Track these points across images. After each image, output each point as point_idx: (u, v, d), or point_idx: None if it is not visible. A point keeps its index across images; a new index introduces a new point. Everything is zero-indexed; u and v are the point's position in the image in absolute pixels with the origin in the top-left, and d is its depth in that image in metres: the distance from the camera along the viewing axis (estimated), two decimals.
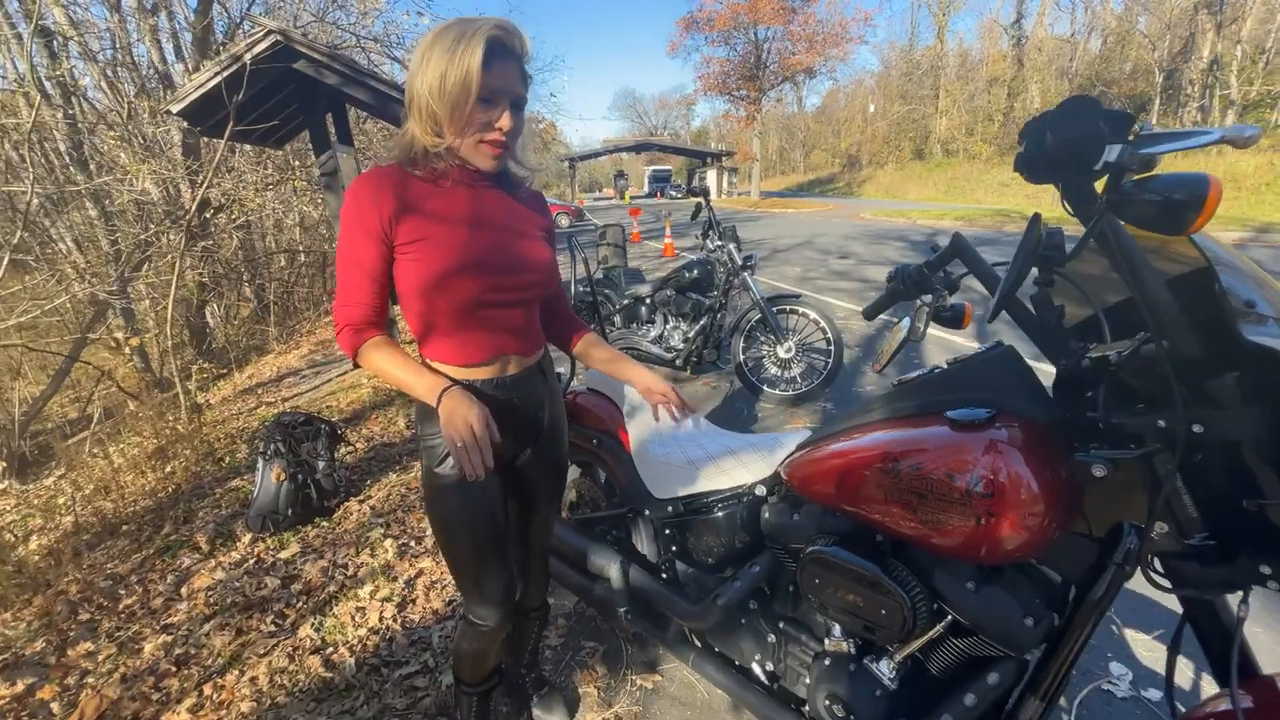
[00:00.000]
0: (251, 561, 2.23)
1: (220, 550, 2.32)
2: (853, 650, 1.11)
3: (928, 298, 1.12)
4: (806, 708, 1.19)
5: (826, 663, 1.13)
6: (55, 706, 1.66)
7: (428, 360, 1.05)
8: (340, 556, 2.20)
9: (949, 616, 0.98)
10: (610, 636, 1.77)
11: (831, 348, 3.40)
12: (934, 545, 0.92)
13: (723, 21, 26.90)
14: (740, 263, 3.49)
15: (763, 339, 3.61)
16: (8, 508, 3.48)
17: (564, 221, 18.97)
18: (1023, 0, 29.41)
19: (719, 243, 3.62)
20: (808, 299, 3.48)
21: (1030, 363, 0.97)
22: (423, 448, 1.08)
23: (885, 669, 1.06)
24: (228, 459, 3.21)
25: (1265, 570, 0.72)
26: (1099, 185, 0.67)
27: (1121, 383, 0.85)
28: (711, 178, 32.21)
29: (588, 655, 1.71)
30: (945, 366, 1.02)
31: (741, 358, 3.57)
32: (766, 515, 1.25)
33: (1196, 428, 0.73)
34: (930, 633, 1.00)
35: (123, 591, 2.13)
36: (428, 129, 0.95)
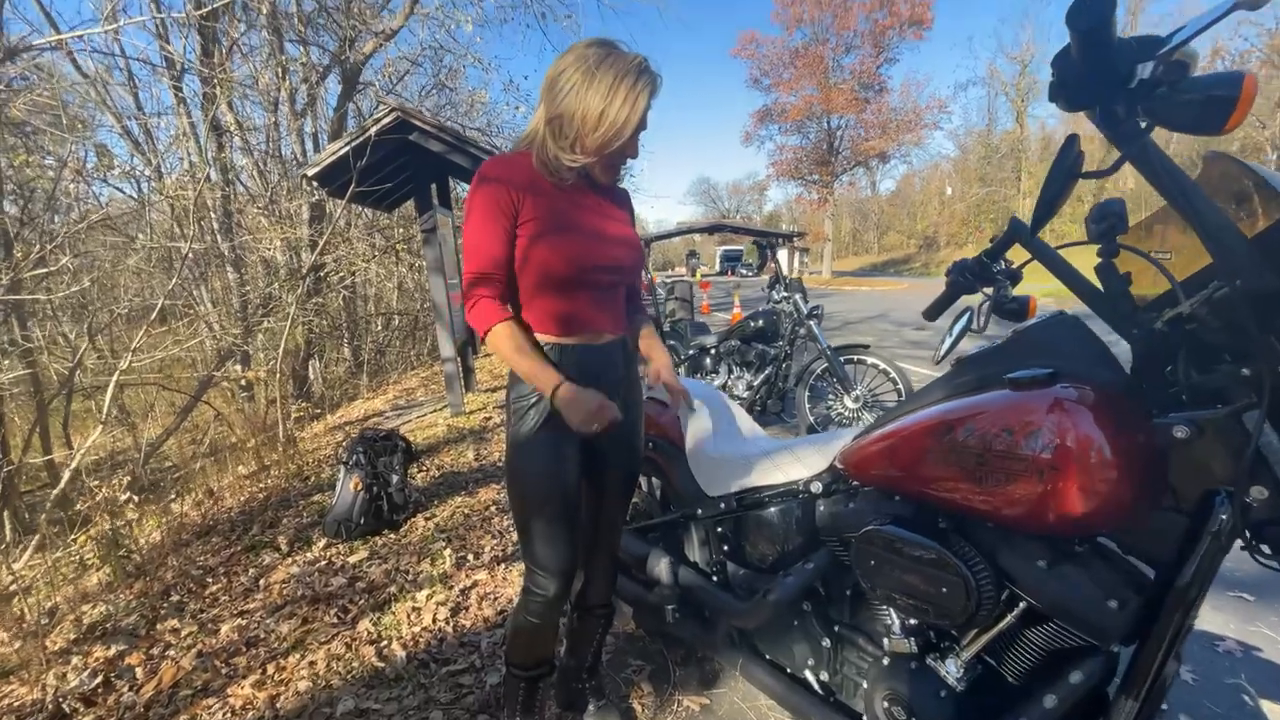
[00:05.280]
0: (323, 562, 2.35)
1: (297, 551, 2.47)
2: (915, 648, 1.03)
3: (989, 289, 1.11)
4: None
5: (886, 663, 1.05)
6: (139, 671, 1.78)
7: (528, 327, 1.13)
8: (403, 563, 2.28)
9: (1021, 604, 0.91)
10: (657, 656, 1.70)
11: (903, 399, 3.27)
12: (998, 515, 0.88)
13: (796, 112, 28.25)
14: (805, 312, 3.50)
15: (829, 391, 3.54)
16: (134, 517, 3.88)
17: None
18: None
19: (784, 293, 3.67)
20: (875, 350, 3.42)
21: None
22: (511, 410, 1.15)
23: (952, 668, 0.97)
24: (313, 478, 3.45)
25: None
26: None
27: (1201, 342, 0.81)
28: (783, 257, 32.66)
29: (634, 673, 1.65)
30: (1005, 338, 1.00)
31: (810, 418, 3.48)
32: (821, 508, 1.21)
33: None
34: (1000, 624, 0.93)
35: (210, 580, 2.29)
36: (564, 145, 1.04)
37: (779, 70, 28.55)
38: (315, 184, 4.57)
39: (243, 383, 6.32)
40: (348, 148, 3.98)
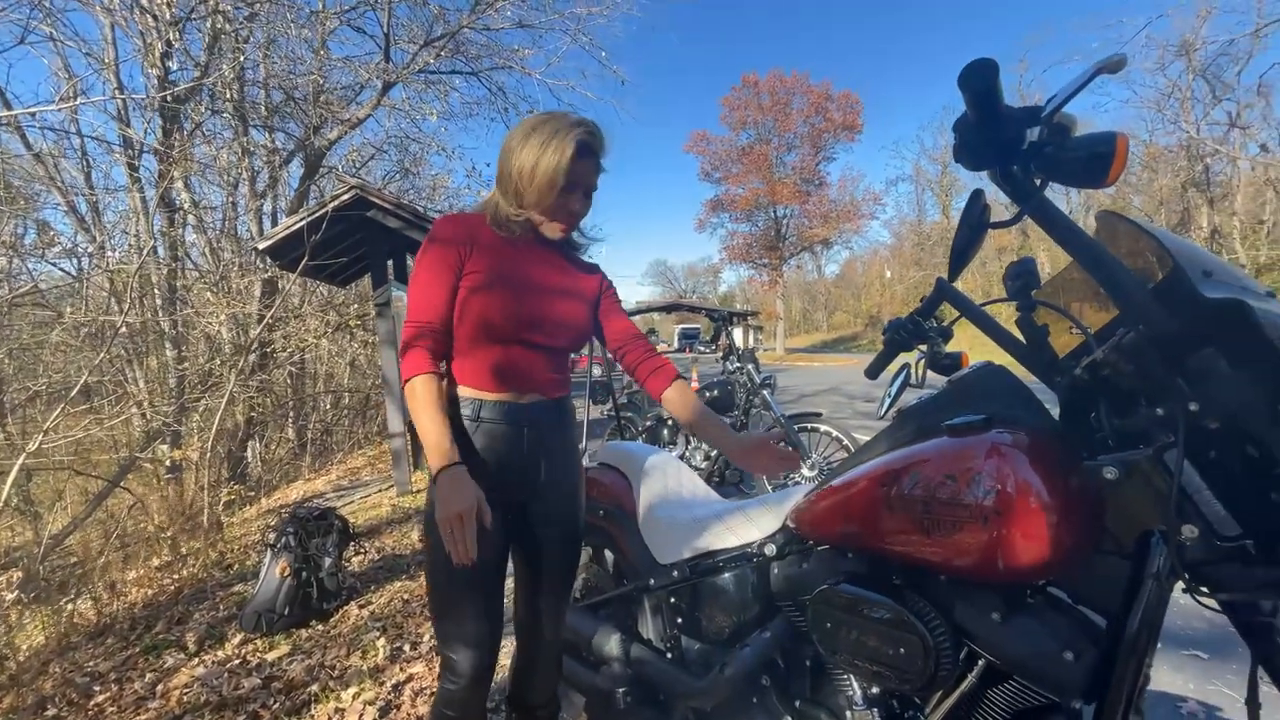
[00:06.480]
0: (236, 661, 2.08)
1: (208, 649, 2.19)
2: None
3: (924, 346, 1.16)
4: None
5: None
6: None
7: (455, 380, 1.12)
8: (329, 657, 2.05)
9: (980, 663, 0.88)
10: None
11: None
12: (949, 566, 0.86)
13: (745, 203, 30.28)
14: (759, 381, 3.57)
15: None
16: (14, 619, 3.40)
17: (596, 371, 19.78)
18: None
19: (738, 364, 3.74)
20: (829, 417, 3.48)
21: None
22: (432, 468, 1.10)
23: None
24: (236, 566, 3.15)
25: None
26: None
27: (1118, 387, 0.85)
28: (738, 335, 33.77)
29: None
30: (938, 390, 1.03)
31: (769, 486, 3.48)
32: (775, 571, 1.17)
33: (1193, 405, 0.72)
34: (962, 686, 0.88)
35: (98, 688, 1.99)
36: (511, 201, 1.10)
37: (728, 165, 30.84)
38: (267, 258, 4.52)
39: (168, 463, 5.86)
40: (303, 222, 3.99)
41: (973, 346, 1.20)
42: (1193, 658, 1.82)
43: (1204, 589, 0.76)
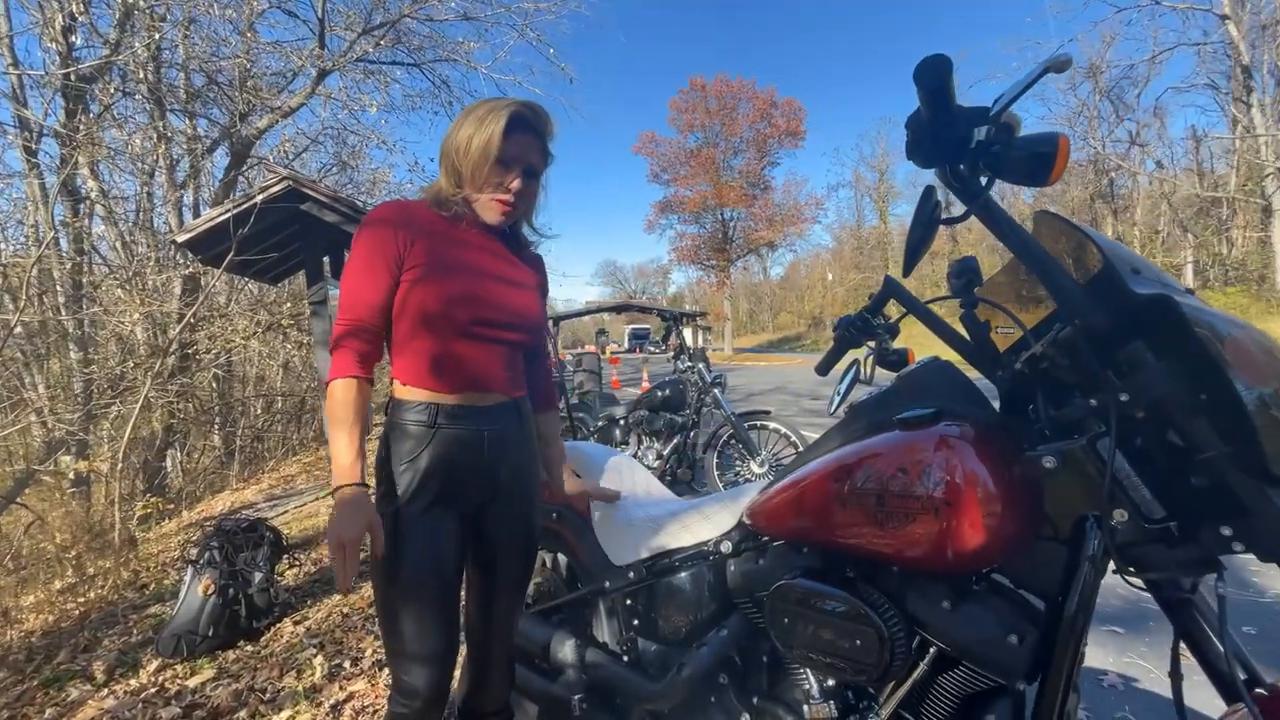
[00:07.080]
0: (152, 690, 1.91)
1: (119, 679, 2.00)
2: (835, 712, 0.98)
3: (872, 343, 1.19)
4: None
5: None
6: None
7: (399, 381, 1.05)
8: (260, 680, 1.91)
9: (931, 650, 0.90)
10: None
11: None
12: (901, 558, 0.88)
13: (693, 205, 30.67)
14: (710, 380, 3.60)
15: (736, 457, 3.60)
16: None
17: None
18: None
19: (689, 363, 3.77)
20: (777, 415, 3.55)
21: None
22: (380, 476, 1.04)
23: None
24: (153, 585, 2.90)
25: (1226, 532, 0.70)
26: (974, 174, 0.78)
27: (1055, 379, 0.89)
28: (688, 335, 34.17)
29: None
30: (888, 386, 1.06)
31: (720, 485, 3.52)
32: (732, 569, 1.17)
33: (1124, 396, 0.76)
34: (914, 674, 0.91)
35: None
36: (451, 181, 1.06)
37: (676, 167, 31.15)
38: (188, 252, 4.20)
39: (71, 476, 5.35)
40: (228, 214, 3.72)
41: (916, 343, 1.23)
42: (1111, 633, 1.96)
43: (1132, 569, 0.80)
